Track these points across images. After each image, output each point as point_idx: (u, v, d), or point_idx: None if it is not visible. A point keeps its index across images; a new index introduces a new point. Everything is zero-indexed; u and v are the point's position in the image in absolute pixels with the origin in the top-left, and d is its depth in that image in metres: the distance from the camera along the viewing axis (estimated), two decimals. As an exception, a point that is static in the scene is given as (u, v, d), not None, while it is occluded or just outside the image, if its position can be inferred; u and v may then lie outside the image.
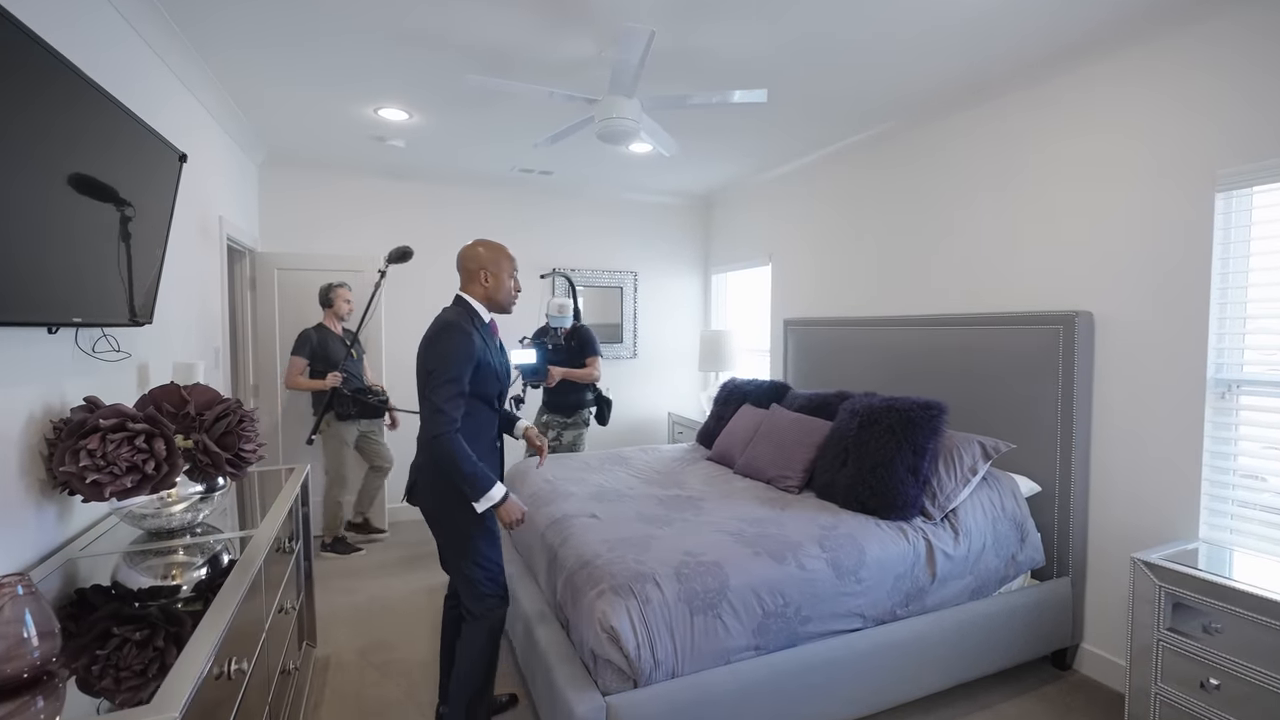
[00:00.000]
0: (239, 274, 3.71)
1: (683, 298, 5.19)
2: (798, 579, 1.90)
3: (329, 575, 3.31)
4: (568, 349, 3.53)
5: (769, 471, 2.75)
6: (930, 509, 2.24)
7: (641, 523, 2.21)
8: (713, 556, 1.89)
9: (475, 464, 1.74)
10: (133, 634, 1.24)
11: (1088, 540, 2.41)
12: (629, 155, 3.89)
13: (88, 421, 1.45)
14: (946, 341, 2.84)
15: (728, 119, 3.21)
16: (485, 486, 1.75)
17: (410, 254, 3.22)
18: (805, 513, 2.29)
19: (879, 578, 2.02)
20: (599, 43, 2.37)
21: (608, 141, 2.46)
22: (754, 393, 3.47)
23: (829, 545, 2.02)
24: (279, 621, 1.95)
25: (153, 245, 1.85)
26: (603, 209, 4.87)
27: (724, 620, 1.77)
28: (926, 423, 2.30)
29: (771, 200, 4.37)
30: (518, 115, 3.16)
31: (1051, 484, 2.44)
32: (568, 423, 3.59)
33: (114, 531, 1.70)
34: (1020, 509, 2.36)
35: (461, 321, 1.81)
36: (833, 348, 3.58)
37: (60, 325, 1.51)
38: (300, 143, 3.61)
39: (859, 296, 3.56)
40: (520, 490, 2.80)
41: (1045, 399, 2.44)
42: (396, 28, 2.24)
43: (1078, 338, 2.34)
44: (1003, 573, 2.28)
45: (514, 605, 2.31)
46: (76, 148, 1.43)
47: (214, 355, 2.88)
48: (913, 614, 2.08)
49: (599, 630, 1.66)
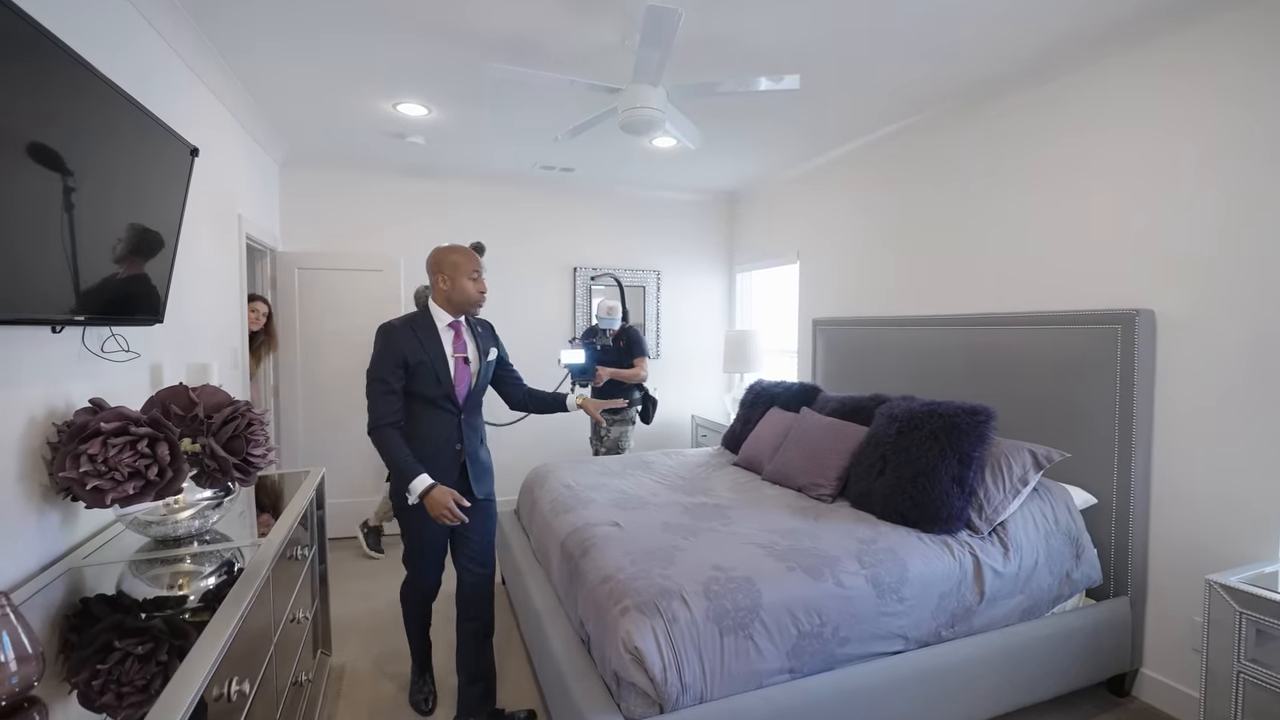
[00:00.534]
0: (260, 273, 3.69)
1: (707, 297, 5.06)
2: (835, 597, 1.77)
3: (347, 579, 3.26)
4: (616, 349, 3.64)
5: (800, 478, 2.62)
6: (977, 522, 2.09)
7: (666, 533, 2.10)
8: (743, 571, 1.77)
9: (402, 459, 1.83)
10: (134, 647, 1.17)
11: (1148, 557, 2.23)
12: (653, 151, 3.78)
13: (89, 425, 1.38)
14: (990, 342, 2.67)
15: (755, 111, 3.08)
16: (409, 478, 1.83)
17: (483, 249, 3.30)
18: (841, 524, 2.15)
19: (922, 596, 1.87)
20: (622, 29, 2.26)
21: (631, 132, 2.35)
22: (782, 395, 3.33)
23: (868, 560, 1.88)
24: (290, 632, 1.88)
25: (163, 241, 1.79)
26: (625, 207, 4.76)
27: (756, 641, 1.65)
28: (973, 429, 2.15)
29: (800, 196, 4.22)
30: (538, 110, 3.07)
31: (1108, 496, 2.26)
32: (614, 420, 3.67)
33: (120, 539, 1.64)
34: (1075, 522, 2.19)
35: (393, 324, 1.93)
36: (865, 349, 3.42)
37: (64, 324, 1.45)
38: (320, 141, 3.58)
39: (893, 295, 3.40)
40: (539, 495, 2.70)
41: (1100, 404, 2.26)
42: (412, 17, 2.16)
43: (1138, 337, 2.16)
44: (1056, 591, 2.11)
45: (531, 617, 2.21)
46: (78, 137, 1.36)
47: (231, 355, 2.84)
48: (959, 635, 1.94)
49: (622, 651, 1.55)
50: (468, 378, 1.98)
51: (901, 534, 2.05)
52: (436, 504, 1.82)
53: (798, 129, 3.38)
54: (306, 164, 3.91)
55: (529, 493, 2.87)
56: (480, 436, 2.07)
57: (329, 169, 3.97)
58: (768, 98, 2.90)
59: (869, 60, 2.48)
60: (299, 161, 3.88)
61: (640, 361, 3.60)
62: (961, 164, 2.95)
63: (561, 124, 3.19)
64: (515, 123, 3.27)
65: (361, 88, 2.78)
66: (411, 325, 1.93)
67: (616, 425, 3.70)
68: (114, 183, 1.51)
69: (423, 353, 1.90)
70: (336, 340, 3.76)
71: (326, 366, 3.77)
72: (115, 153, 1.50)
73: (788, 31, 2.24)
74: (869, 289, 3.58)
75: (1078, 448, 2.32)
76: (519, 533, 2.87)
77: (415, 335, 1.91)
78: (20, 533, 1.37)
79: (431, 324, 1.96)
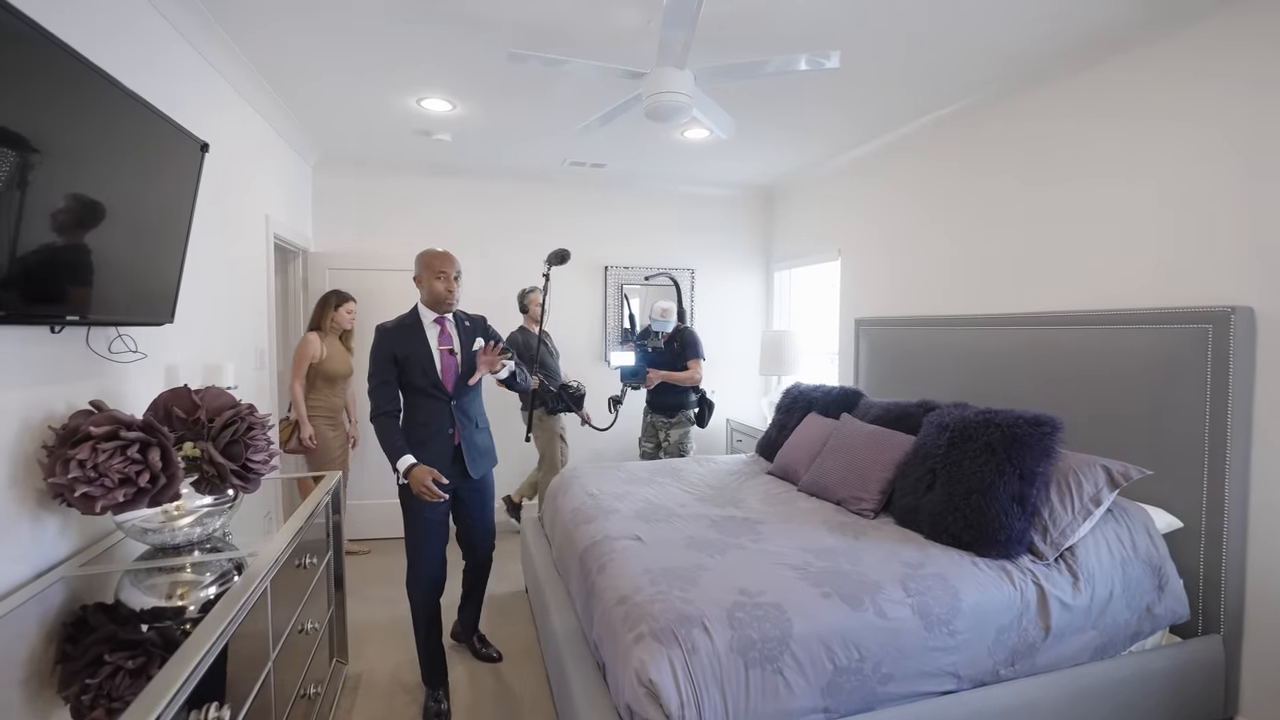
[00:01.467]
0: (292, 274, 3.71)
1: (743, 296, 4.86)
2: (877, 628, 1.58)
3: (368, 585, 3.22)
4: (670, 351, 3.58)
5: (839, 491, 2.42)
6: (1041, 546, 1.86)
7: (691, 549, 1.94)
8: (773, 596, 1.61)
9: (391, 442, 2.04)
10: (125, 661, 1.10)
11: (1245, 589, 1.95)
12: (685, 144, 3.63)
13: (80, 428, 1.33)
14: (1057, 343, 2.41)
15: (792, 98, 2.89)
16: (396, 460, 2.03)
17: (567, 256, 3.33)
18: (884, 544, 1.95)
19: (978, 630, 1.66)
20: (646, 11, 2.12)
21: (657, 119, 2.21)
22: (821, 400, 3.12)
23: (915, 587, 1.69)
24: (299, 642, 1.81)
25: (171, 240, 1.75)
26: (658, 203, 4.62)
27: (786, 676, 1.48)
28: (1036, 441, 1.92)
29: (841, 189, 3.98)
30: (564, 104, 2.97)
31: (1196, 518, 1.99)
32: (671, 423, 3.64)
33: (120, 546, 1.60)
34: (1157, 549, 1.93)
35: (386, 324, 2.15)
36: (912, 350, 3.18)
37: (62, 324, 1.41)
38: (349, 142, 3.57)
39: (944, 292, 3.14)
40: (561, 503, 2.59)
41: (1187, 413, 1.99)
42: (430, 6, 2.08)
43: (1234, 338, 1.89)
44: (1135, 627, 1.86)
45: (548, 637, 2.10)
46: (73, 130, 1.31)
47: (257, 356, 2.83)
48: (1020, 675, 1.72)
49: (636, 683, 1.41)
50: (454, 366, 2.16)
51: (953, 557, 1.84)
52: (416, 481, 2.00)
53: (837, 118, 3.17)
54: (338, 166, 3.92)
55: (552, 500, 2.76)
56: (476, 422, 2.24)
57: (360, 171, 3.97)
58: (805, 83, 2.71)
59: (920, 31, 2.26)
60: (331, 164, 3.89)
61: (695, 364, 3.53)
62: (1018, 149, 2.69)
63: (589, 117, 3.07)
64: (541, 117, 3.17)
65: (384, 83, 2.73)
66: (400, 324, 2.16)
67: (676, 428, 3.62)
68: (114, 179, 1.46)
69: (409, 347, 2.11)
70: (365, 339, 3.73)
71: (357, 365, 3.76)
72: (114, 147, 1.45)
73: (824, 3, 2.05)
74: (917, 286, 3.33)
75: (1160, 463, 2.05)
76: (542, 541, 2.76)
77: (403, 332, 2.13)
78: (12, 539, 1.33)
79: (418, 321, 2.16)
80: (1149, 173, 2.20)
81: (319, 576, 2.06)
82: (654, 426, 3.71)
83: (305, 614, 1.87)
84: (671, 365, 3.55)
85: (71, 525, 1.52)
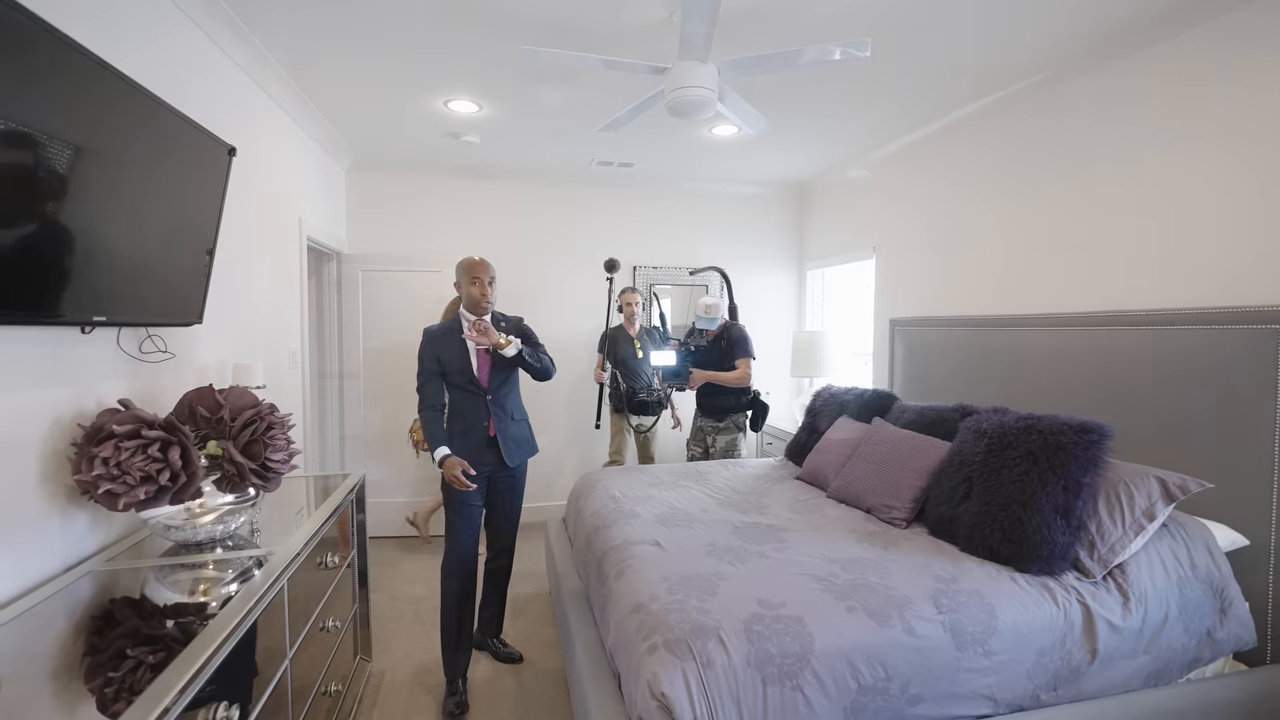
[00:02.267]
0: (327, 276, 3.79)
1: (774, 295, 4.76)
2: (905, 646, 1.49)
3: (397, 582, 3.26)
4: (717, 350, 3.35)
5: (869, 499, 2.32)
6: (1088, 563, 1.74)
7: (711, 557, 1.89)
8: (794, 609, 1.54)
9: (433, 435, 2.24)
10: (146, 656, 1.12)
11: (1321, 615, 1.79)
12: (714, 141, 3.56)
13: (105, 427, 1.36)
14: (1103, 344, 2.26)
15: (823, 91, 2.80)
16: (433, 450, 2.23)
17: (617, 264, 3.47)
18: (916, 556, 1.86)
19: (1016, 651, 1.56)
20: (668, 4, 2.08)
21: (680, 115, 2.16)
22: (853, 403, 3.01)
23: (947, 604, 1.59)
24: (320, 640, 1.83)
25: (199, 242, 1.79)
26: (687, 202, 4.56)
27: (806, 694, 1.41)
28: (1083, 450, 1.79)
29: (876, 185, 3.85)
30: (589, 102, 2.94)
31: (1265, 536, 1.83)
32: (720, 427, 3.42)
33: (148, 542, 1.64)
34: (1218, 568, 1.78)
35: (431, 327, 2.35)
36: (950, 352, 3.04)
37: (91, 325, 1.45)
38: (381, 145, 3.63)
39: (985, 291, 3.00)
40: (583, 506, 2.56)
41: (1254, 422, 1.83)
42: (451, 5, 2.08)
43: (1309, 341, 1.73)
44: (1193, 653, 1.72)
45: (567, 641, 2.07)
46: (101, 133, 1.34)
47: (289, 357, 2.90)
48: (1063, 701, 1.60)
49: (648, 696, 1.37)
50: (488, 365, 2.31)
51: (990, 572, 1.74)
52: (448, 469, 2.18)
53: (871, 111, 3.06)
54: (371, 169, 3.99)
55: (574, 503, 2.74)
56: (512, 414, 2.38)
57: (392, 173, 4.04)
58: (836, 75, 2.62)
59: (961, 13, 2.15)
60: (364, 167, 3.96)
61: (744, 363, 3.27)
62: (1063, 139, 2.53)
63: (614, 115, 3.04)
64: (567, 117, 3.15)
65: (412, 86, 2.75)
66: (444, 328, 2.34)
67: (724, 434, 3.40)
68: (142, 182, 1.50)
69: (449, 349, 2.28)
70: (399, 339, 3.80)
71: (390, 365, 3.83)
72: (142, 151, 1.48)
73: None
74: (956, 285, 3.19)
75: (1222, 476, 1.89)
76: (565, 544, 2.74)
77: (444, 335, 2.31)
78: (44, 533, 1.37)
79: (458, 324, 2.31)
80: (1225, 156, 2.03)
81: (341, 575, 2.08)
82: (702, 431, 3.48)
83: (328, 612, 1.89)
84: (719, 365, 3.31)
85: (100, 521, 1.56)
